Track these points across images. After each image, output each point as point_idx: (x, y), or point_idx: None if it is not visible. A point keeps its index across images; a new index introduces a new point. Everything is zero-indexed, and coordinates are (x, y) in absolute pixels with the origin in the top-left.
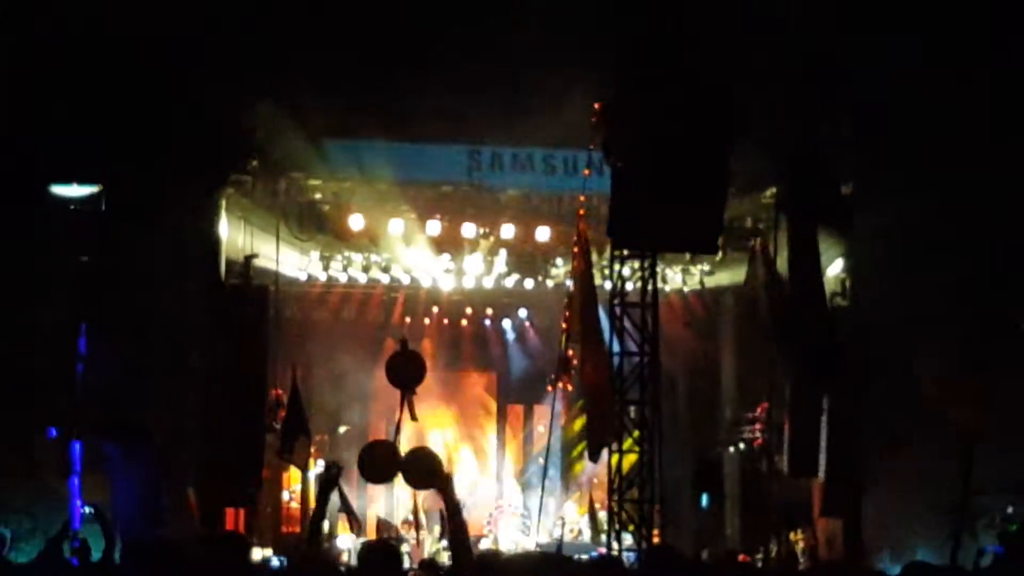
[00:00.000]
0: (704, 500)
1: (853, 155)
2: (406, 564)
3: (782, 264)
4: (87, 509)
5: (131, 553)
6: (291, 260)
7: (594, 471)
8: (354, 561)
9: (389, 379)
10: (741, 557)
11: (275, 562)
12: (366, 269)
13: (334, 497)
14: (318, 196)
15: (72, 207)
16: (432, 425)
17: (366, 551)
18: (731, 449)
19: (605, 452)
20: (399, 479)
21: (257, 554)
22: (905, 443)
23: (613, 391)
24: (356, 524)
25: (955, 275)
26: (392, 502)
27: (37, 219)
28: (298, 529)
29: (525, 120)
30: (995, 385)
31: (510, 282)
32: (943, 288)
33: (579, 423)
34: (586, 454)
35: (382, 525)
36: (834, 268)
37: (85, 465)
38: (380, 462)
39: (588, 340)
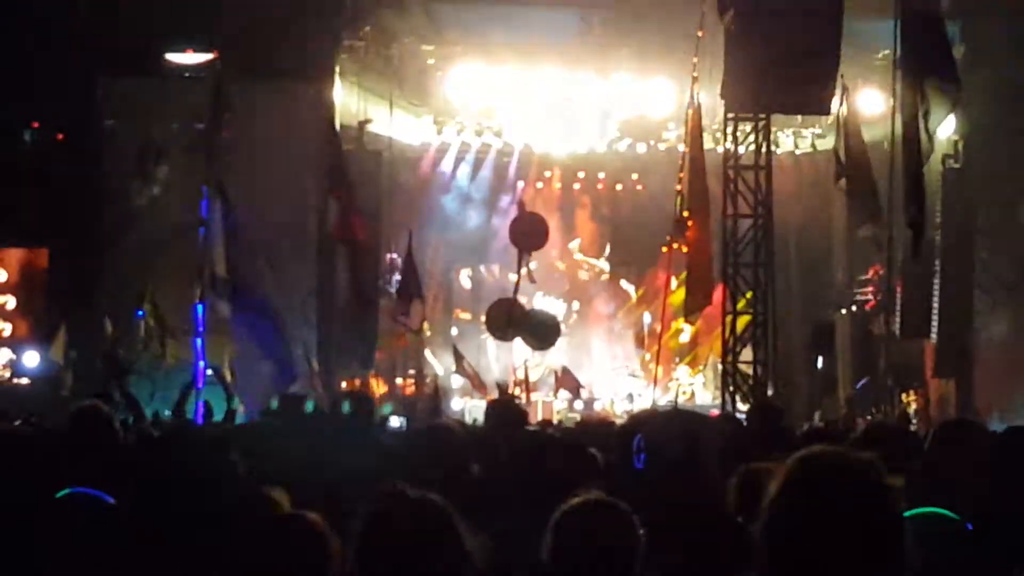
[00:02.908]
0: (819, 363)
1: (965, 16)
2: None
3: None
4: (209, 371)
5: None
6: (405, 125)
7: None
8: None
9: (512, 240)
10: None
11: (395, 422)
12: (479, 134)
13: (449, 361)
14: (431, 61)
15: (188, 75)
16: (544, 287)
17: (491, 409)
18: (843, 311)
19: None
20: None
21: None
22: (1015, 305)
23: (713, 255)
24: (480, 386)
25: None
26: (502, 363)
27: (154, 87)
28: (415, 390)
29: None
30: None
31: (622, 146)
32: None
33: (681, 293)
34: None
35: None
36: (945, 130)
37: (207, 326)
38: (501, 316)
39: (695, 203)
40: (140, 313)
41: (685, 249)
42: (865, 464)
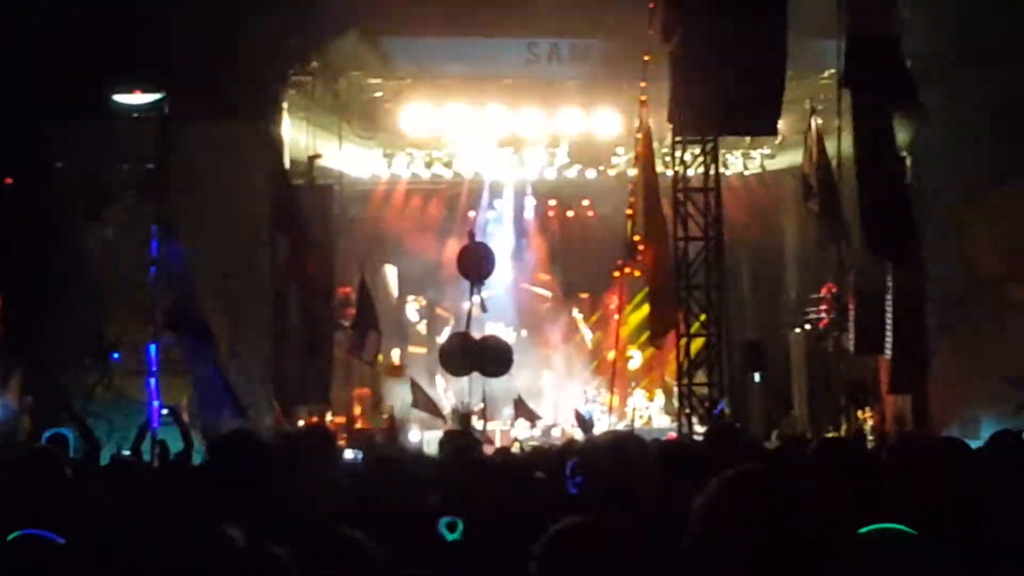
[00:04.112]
0: (757, 378)
1: (916, 33)
2: None
3: (844, 144)
4: (165, 410)
5: (215, 448)
6: (354, 158)
7: None
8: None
9: (460, 270)
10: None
11: (349, 454)
12: (428, 165)
13: (406, 394)
14: (378, 94)
15: (135, 115)
16: (496, 315)
17: (447, 439)
18: (797, 330)
19: None
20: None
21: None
22: (968, 318)
23: (673, 278)
24: (438, 416)
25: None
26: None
27: (102, 128)
28: (370, 425)
29: (582, 11)
30: None
31: (572, 173)
32: (1005, 165)
33: (637, 316)
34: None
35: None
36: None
37: (162, 366)
38: (455, 352)
39: (650, 228)
40: (115, 356)
41: (638, 273)
42: (782, 480)
